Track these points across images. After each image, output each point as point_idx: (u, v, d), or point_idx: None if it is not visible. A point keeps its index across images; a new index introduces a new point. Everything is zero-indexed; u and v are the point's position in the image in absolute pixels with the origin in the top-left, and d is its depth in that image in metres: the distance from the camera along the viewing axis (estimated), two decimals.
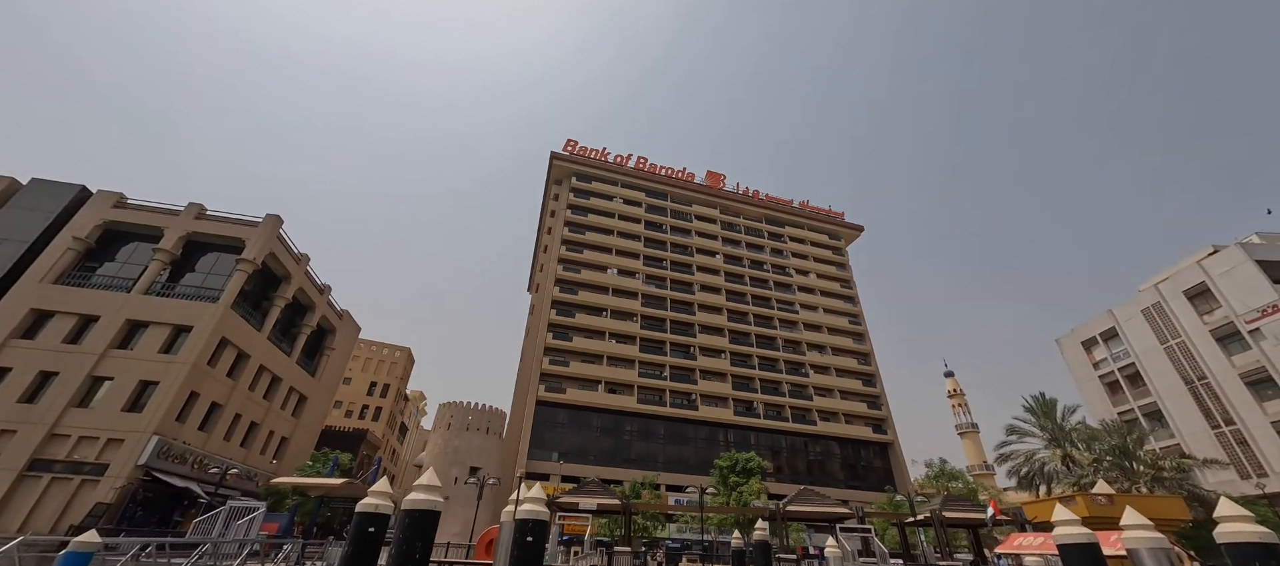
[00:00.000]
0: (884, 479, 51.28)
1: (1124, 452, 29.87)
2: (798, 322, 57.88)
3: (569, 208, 57.66)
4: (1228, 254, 33.52)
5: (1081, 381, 42.59)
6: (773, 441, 50.02)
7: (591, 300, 51.79)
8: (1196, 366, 34.62)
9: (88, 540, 9.46)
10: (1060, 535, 7.89)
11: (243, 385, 28.38)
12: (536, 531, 7.47)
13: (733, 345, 53.75)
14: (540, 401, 45.18)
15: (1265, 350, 30.88)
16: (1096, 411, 39.62)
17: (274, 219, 29.98)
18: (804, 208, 68.05)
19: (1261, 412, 30.82)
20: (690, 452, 47.63)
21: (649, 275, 56.15)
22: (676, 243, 59.98)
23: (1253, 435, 31.08)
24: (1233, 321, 32.48)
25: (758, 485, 28.00)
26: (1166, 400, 36.24)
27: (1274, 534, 6.65)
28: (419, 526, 6.90)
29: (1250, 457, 31.08)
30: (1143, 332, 38.19)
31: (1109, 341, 41.02)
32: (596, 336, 50.19)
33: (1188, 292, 35.39)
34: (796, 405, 52.08)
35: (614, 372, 48.16)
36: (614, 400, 46.79)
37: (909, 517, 23.97)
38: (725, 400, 50.16)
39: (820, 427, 51.34)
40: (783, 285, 60.91)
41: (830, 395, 54.05)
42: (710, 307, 55.96)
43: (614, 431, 46.65)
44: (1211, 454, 31.62)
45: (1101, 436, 31.47)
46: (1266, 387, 31.14)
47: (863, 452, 52.87)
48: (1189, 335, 35.18)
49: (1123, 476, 29.05)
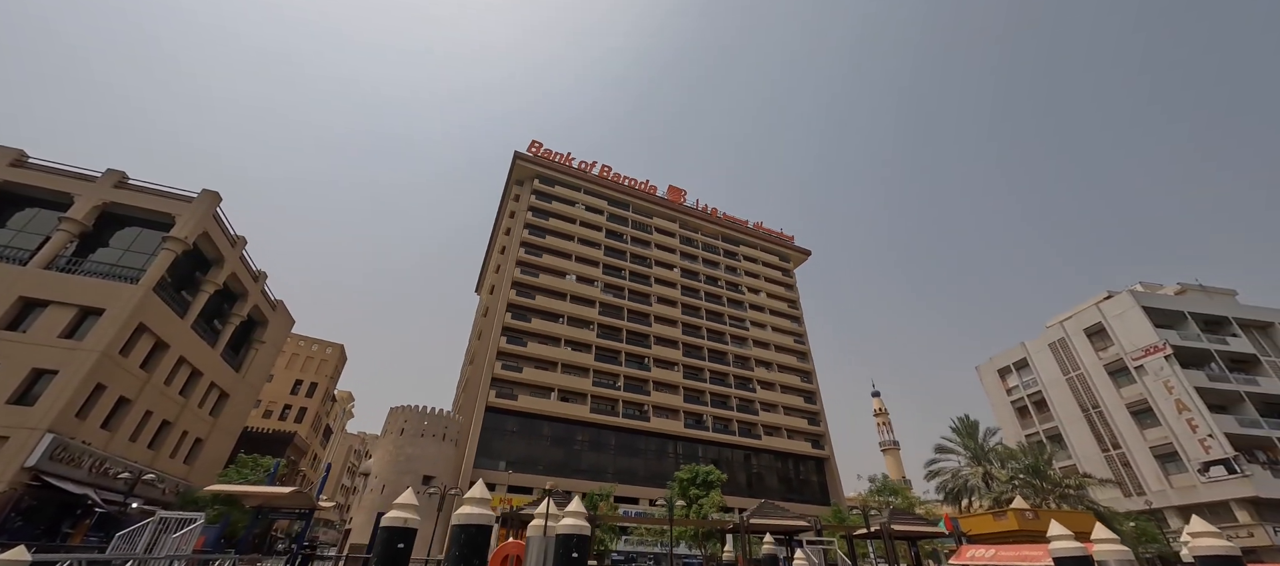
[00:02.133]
0: (820, 492, 53.85)
1: (1036, 471, 33.26)
2: (748, 340, 59.85)
3: (530, 210, 56.42)
4: (1120, 299, 38.71)
5: (996, 405, 47.19)
6: (719, 454, 51.09)
7: (548, 305, 50.78)
8: (1092, 396, 39.46)
9: (14, 558, 8.05)
10: (1057, 549, 8.68)
11: (158, 379, 25.07)
12: (581, 547, 7.22)
13: (686, 358, 54.58)
14: (490, 407, 43.51)
15: (1146, 385, 35.80)
16: (1009, 433, 43.99)
17: (211, 196, 26.99)
18: (758, 229, 70.81)
19: (1142, 439, 35.60)
20: (640, 464, 47.62)
21: (608, 284, 55.96)
22: (636, 253, 60.29)
23: (1135, 458, 35.79)
24: (1122, 358, 37.43)
25: (717, 498, 28.50)
26: (1066, 425, 40.95)
27: (1228, 544, 7.72)
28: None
29: (1132, 478, 35.72)
30: (1049, 364, 43.04)
31: (1020, 370, 45.84)
32: (552, 343, 49.18)
33: (1087, 331, 40.40)
34: (743, 419, 53.62)
35: (568, 380, 47.34)
36: (567, 408, 45.94)
37: (858, 529, 25.36)
38: (676, 412, 50.72)
39: (764, 441, 53.13)
40: (735, 302, 62.82)
41: (774, 410, 56.16)
42: (666, 320, 56.58)
43: (565, 441, 45.74)
44: (1102, 473, 36.05)
45: (1018, 456, 34.91)
46: (1146, 417, 36.04)
47: (802, 467, 55.24)
48: (1086, 368, 40.08)
49: (1033, 493, 32.28)
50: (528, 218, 55.62)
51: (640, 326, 54.32)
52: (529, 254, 53.36)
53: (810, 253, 72.97)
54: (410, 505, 7.18)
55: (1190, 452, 33.04)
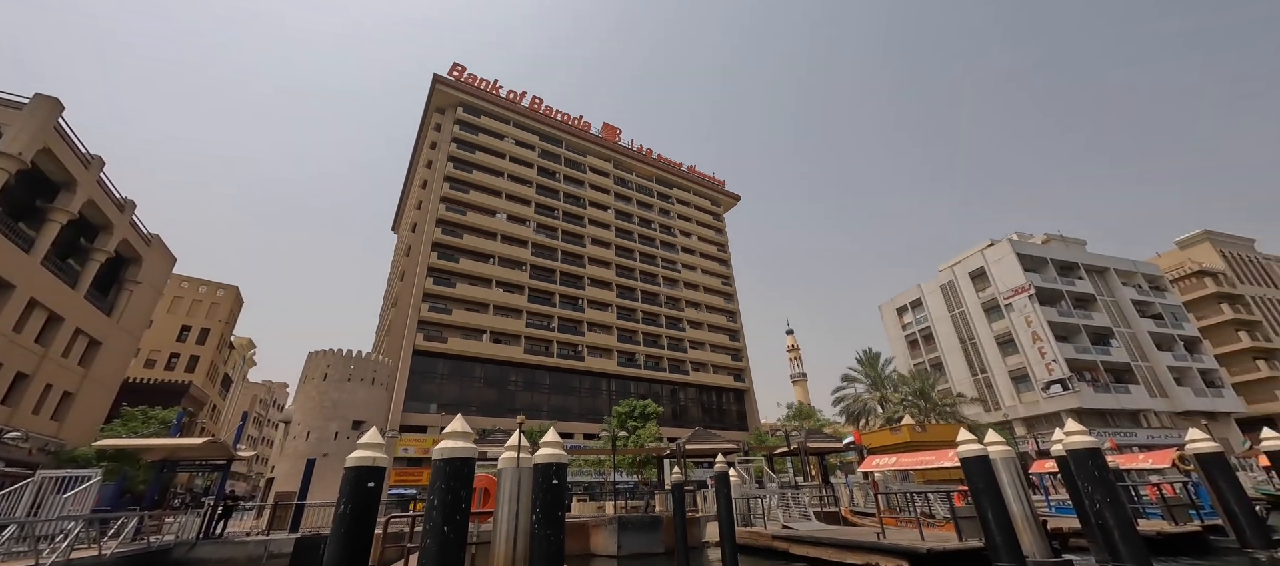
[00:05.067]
0: (739, 419, 58.69)
1: (921, 394, 38.54)
2: (679, 281, 61.66)
3: (454, 142, 52.25)
4: (999, 246, 44.41)
5: (893, 339, 53.35)
6: (650, 389, 53.48)
7: (478, 246, 48.52)
8: (969, 330, 45.77)
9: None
10: (964, 451, 10.25)
11: (3, 325, 21.11)
12: (560, 474, 7.36)
13: (620, 299, 55.34)
14: (418, 350, 41.79)
15: (1012, 320, 42.10)
16: (902, 363, 50.19)
17: (49, 102, 22.02)
18: (692, 173, 71.33)
19: (1004, 365, 42.25)
20: (574, 402, 48.73)
21: (541, 224, 54.28)
22: (570, 193, 58.61)
23: (996, 380, 42.55)
24: (996, 297, 43.47)
25: (654, 429, 30.16)
26: (947, 354, 47.42)
27: (1094, 440, 9.55)
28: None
29: (993, 397, 42.60)
30: (938, 303, 48.99)
31: (915, 309, 51.82)
32: (483, 284, 47.48)
33: (971, 274, 46.20)
34: (673, 356, 56.16)
35: (501, 322, 46.40)
36: (500, 350, 45.30)
37: (779, 449, 28.31)
38: (610, 351, 51.90)
39: (691, 376, 56.28)
40: (668, 245, 63.89)
41: (702, 348, 59.27)
42: (600, 261, 56.48)
43: (498, 382, 45.43)
44: (971, 394, 42.61)
45: (908, 382, 40.15)
46: (1009, 347, 42.65)
47: (724, 398, 59.51)
48: (967, 306, 46.18)
49: (919, 411, 37.54)
50: (451, 150, 51.57)
51: (574, 268, 53.83)
52: (454, 190, 49.97)
53: (740, 198, 75.20)
54: (377, 444, 6.86)
55: (1037, 374, 39.95)
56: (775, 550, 15.20)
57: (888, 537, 12.30)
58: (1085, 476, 9.64)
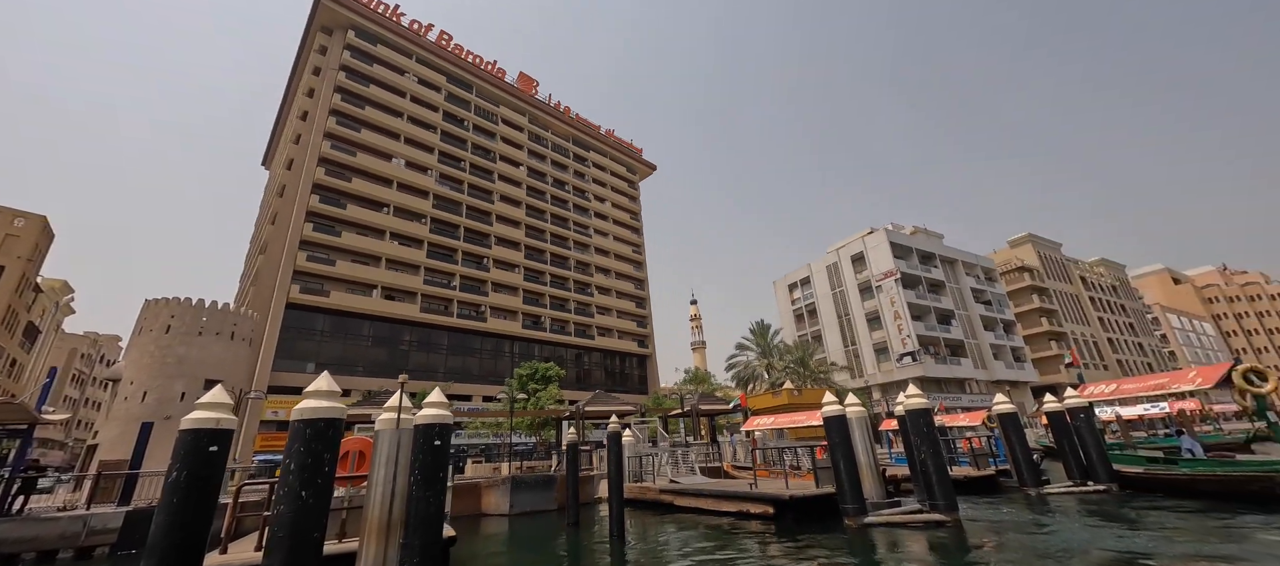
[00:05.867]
0: (640, 383, 60.91)
1: (802, 363, 42.72)
2: (590, 246, 61.33)
3: (343, 70, 46.15)
4: (877, 235, 49.89)
5: (783, 312, 58.21)
6: (554, 352, 53.34)
7: (369, 192, 43.99)
8: (846, 307, 51.33)
9: None
10: (827, 411, 11.58)
11: None
12: (444, 435, 7.13)
13: (529, 261, 53.85)
14: (293, 304, 37.46)
15: (880, 300, 47.89)
16: (788, 334, 55.09)
17: None
18: (609, 137, 70.26)
19: (870, 339, 48.16)
20: (474, 363, 47.17)
21: (444, 175, 50.48)
22: (479, 144, 54.97)
23: (863, 352, 48.45)
24: (870, 279, 49.03)
25: (555, 391, 30.24)
26: (826, 328, 52.89)
27: (925, 401, 11.27)
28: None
29: (859, 366, 48.52)
30: (823, 282, 54.14)
31: (804, 286, 56.82)
32: (375, 235, 43.40)
33: (852, 257, 51.49)
34: (580, 321, 56.32)
35: (395, 277, 43.00)
36: (393, 307, 42.13)
37: (673, 411, 30.00)
38: (515, 314, 50.65)
39: (597, 341, 57.00)
40: (581, 209, 62.94)
41: (609, 313, 60.06)
42: (509, 220, 54.22)
43: (390, 341, 42.41)
44: (842, 363, 48.14)
45: (792, 351, 44.27)
46: (875, 323, 48.61)
47: (627, 362, 61.23)
48: (847, 286, 51.60)
49: (798, 378, 41.67)
50: (339, 80, 45.56)
51: (481, 225, 51.13)
52: (342, 126, 44.48)
53: (656, 167, 75.84)
54: (222, 403, 6.11)
55: (894, 348, 46.20)
56: (662, 503, 16.24)
57: (759, 487, 13.70)
58: (916, 431, 11.45)
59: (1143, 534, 9.55)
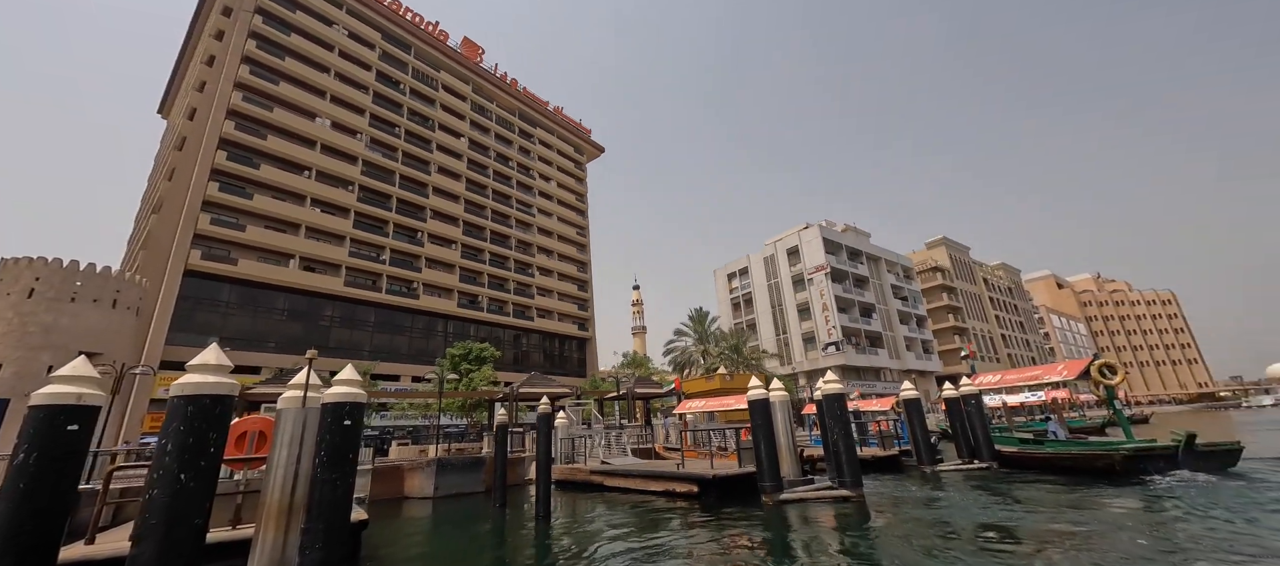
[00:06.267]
0: (579, 366, 60.82)
1: (736, 349, 44.34)
2: (533, 226, 59.88)
3: (259, 14, 41.60)
4: (811, 230, 52.39)
5: (721, 301, 60.01)
6: (491, 333, 51.93)
7: (288, 152, 40.28)
8: (779, 298, 53.72)
9: None
10: (752, 394, 12.09)
11: None
12: (355, 415, 6.76)
13: (467, 238, 51.76)
14: (193, 271, 33.82)
15: (810, 292, 50.54)
16: (725, 322, 56.94)
17: None
18: (557, 114, 68.47)
19: (799, 328, 50.80)
20: (404, 342, 45.01)
21: (377, 141, 47.14)
22: (417, 110, 51.73)
23: (792, 341, 51.06)
24: (803, 272, 51.54)
25: (489, 372, 29.46)
26: (760, 317, 55.16)
27: (840, 387, 12.04)
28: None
29: (789, 353, 51.12)
30: (760, 273, 56.27)
31: (742, 276, 58.78)
32: (294, 200, 39.91)
33: (788, 250, 53.83)
34: (519, 302, 55.11)
35: (317, 247, 39.88)
36: (314, 279, 39.14)
37: (610, 394, 30.22)
38: (450, 292, 48.70)
39: (536, 323, 56.11)
40: (526, 186, 61.16)
41: (550, 295, 59.20)
42: (448, 194, 51.70)
43: (310, 316, 39.46)
44: (773, 350, 50.47)
45: (727, 338, 45.81)
46: (805, 314, 51.29)
47: (566, 345, 60.84)
48: (781, 277, 53.96)
49: (732, 364, 43.25)
50: (255, 24, 41.06)
51: (416, 197, 48.39)
52: (258, 76, 40.26)
53: (604, 149, 74.97)
54: (85, 376, 5.42)
55: (821, 337, 49.07)
56: (592, 483, 16.40)
57: (686, 467, 14.16)
58: (830, 415, 12.26)
59: (1014, 505, 10.87)
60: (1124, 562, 6.35)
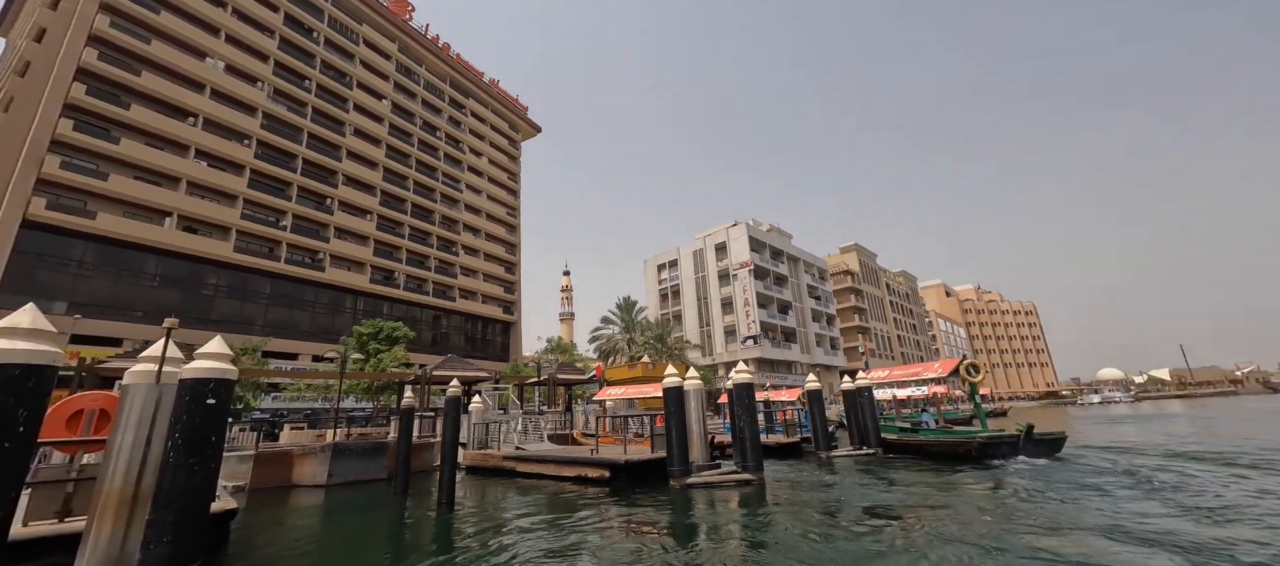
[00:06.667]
0: (503, 350, 59.14)
1: (660, 339, 45.28)
2: (460, 202, 56.98)
3: None
4: (739, 227, 54.48)
5: (650, 291, 60.87)
6: (407, 312, 48.95)
7: (169, 94, 35.08)
8: (705, 291, 55.48)
9: None
10: (667, 382, 12.36)
11: None
12: (220, 392, 6.07)
13: (385, 209, 48.19)
14: (35, 223, 28.62)
15: (734, 287, 52.68)
16: (653, 312, 57.90)
17: None
18: (494, 87, 65.31)
19: (722, 321, 52.83)
20: (305, 318, 41.26)
21: (282, 92, 42.34)
22: (332, 64, 47.05)
23: (714, 332, 53.02)
24: (729, 267, 53.55)
25: (401, 353, 27.71)
26: (686, 308, 56.66)
27: (749, 377, 12.64)
28: None
29: (710, 345, 53.04)
30: (689, 265, 57.70)
31: (671, 267, 59.95)
32: (174, 150, 34.92)
33: (716, 245, 55.60)
34: (441, 281, 52.39)
35: (201, 206, 35.27)
36: (197, 243, 34.61)
37: (531, 379, 29.67)
38: (363, 265, 45.21)
39: (458, 304, 53.68)
40: (454, 160, 57.92)
41: (474, 276, 56.83)
42: (365, 160, 47.71)
43: (189, 283, 34.90)
44: (696, 341, 52.12)
45: (653, 328, 46.62)
46: (728, 308, 53.41)
47: (490, 328, 58.83)
48: (708, 271, 55.70)
49: (656, 353, 44.12)
50: None
51: (327, 159, 44.17)
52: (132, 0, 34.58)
53: (541, 129, 72.72)
54: None
55: (741, 331, 51.41)
56: (505, 469, 16.05)
57: (600, 453, 14.26)
58: (739, 403, 12.88)
59: (890, 486, 12.09)
60: (973, 534, 7.27)
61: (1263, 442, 16.43)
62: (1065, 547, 6.35)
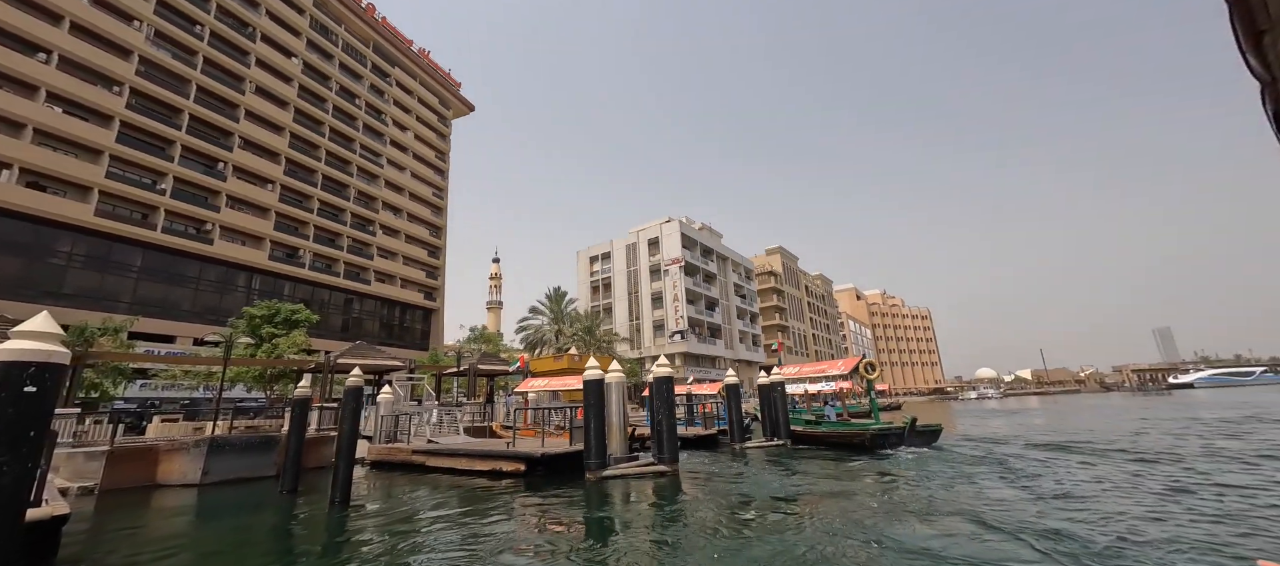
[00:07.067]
0: (422, 338, 56.07)
1: (589, 331, 45.15)
2: (380, 178, 53.02)
3: None
4: (673, 224, 55.40)
5: (581, 282, 60.38)
6: (314, 294, 45.01)
7: (11, 21, 29.40)
8: (636, 285, 55.95)
9: None
10: (588, 375, 12.25)
11: None
12: (43, 379, 5.18)
13: (291, 179, 43.75)
14: None
15: (665, 282, 53.61)
16: (584, 304, 57.49)
17: None
18: (423, 58, 61.19)
19: (651, 316, 53.61)
20: (186, 296, 36.62)
21: (164, 36, 36.96)
22: (230, 10, 41.73)
23: (644, 326, 53.69)
24: (661, 263, 54.34)
25: (301, 338, 25.24)
26: (617, 301, 56.87)
27: (669, 371, 12.86)
28: None
29: (639, 338, 53.66)
30: (621, 259, 57.87)
31: (604, 260, 59.82)
32: (18, 89, 29.38)
33: (649, 240, 56.21)
34: (355, 262, 48.59)
35: (54, 159, 30.04)
36: (46, 202, 29.45)
37: (449, 369, 28.33)
38: (261, 240, 40.82)
39: (373, 288, 50.10)
40: (374, 132, 53.71)
41: (393, 258, 53.28)
42: (268, 122, 42.93)
43: (34, 251, 29.67)
44: (625, 334, 52.50)
45: (582, 320, 46.35)
46: (658, 303, 54.28)
47: (409, 315, 55.51)
48: (640, 266, 56.20)
49: (585, 345, 43.92)
50: None
51: (221, 119, 39.25)
52: None
53: (474, 108, 69.28)
54: None
55: (669, 325, 52.49)
56: (413, 464, 15.20)
57: (516, 446, 13.91)
58: (658, 396, 13.10)
59: (794, 473, 12.88)
60: (856, 524, 7.89)
61: (1096, 434, 19.38)
62: (934, 536, 7.05)
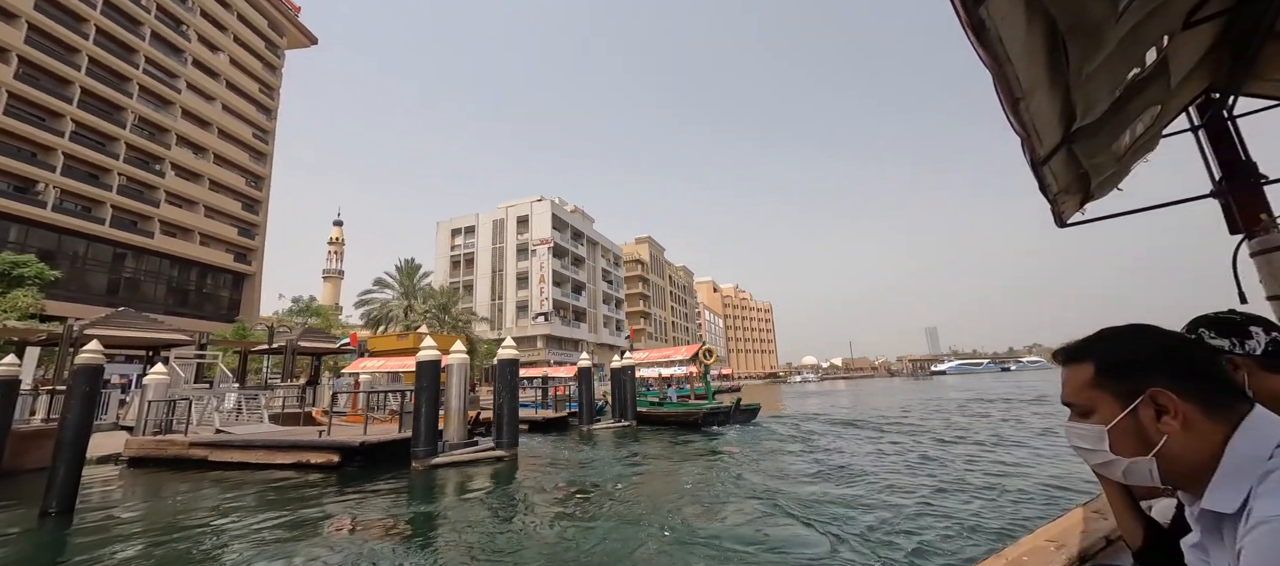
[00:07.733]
0: (230, 308, 46.71)
1: (444, 309, 42.14)
2: (175, 105, 42.36)
3: None
4: (543, 203, 54.05)
5: (440, 256, 55.91)
6: (63, 244, 34.75)
7: None
8: (502, 263, 53.61)
9: None
10: (422, 355, 11.28)
11: None
12: None
13: (29, 86, 32.68)
14: None
15: (532, 263, 52.22)
16: (442, 279, 53.34)
17: None
18: None
19: (515, 296, 51.95)
20: None
21: None
22: None
23: (506, 307, 51.84)
24: (529, 242, 52.70)
25: (32, 299, 18.98)
26: (479, 279, 53.91)
27: (516, 353, 12.45)
28: None
29: (500, 319, 51.64)
30: (487, 235, 54.85)
31: (467, 234, 56.10)
32: None
33: (519, 218, 54.08)
34: (130, 208, 38.46)
35: None
36: None
37: (260, 345, 24.02)
38: None
39: (158, 242, 40.29)
40: (169, 46, 42.56)
41: (192, 208, 43.30)
42: None
43: None
44: (485, 314, 50.06)
45: (437, 296, 42.98)
46: (523, 283, 52.66)
47: (211, 279, 45.79)
48: (507, 243, 53.92)
49: (439, 324, 40.85)
50: None
51: None
52: None
53: (316, 41, 58.87)
54: None
55: (534, 307, 51.40)
56: (191, 459, 12.55)
57: (334, 434, 12.32)
58: (501, 379, 12.66)
59: (636, 453, 13.53)
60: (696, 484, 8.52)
61: (882, 413, 23.80)
62: (731, 516, 7.91)
